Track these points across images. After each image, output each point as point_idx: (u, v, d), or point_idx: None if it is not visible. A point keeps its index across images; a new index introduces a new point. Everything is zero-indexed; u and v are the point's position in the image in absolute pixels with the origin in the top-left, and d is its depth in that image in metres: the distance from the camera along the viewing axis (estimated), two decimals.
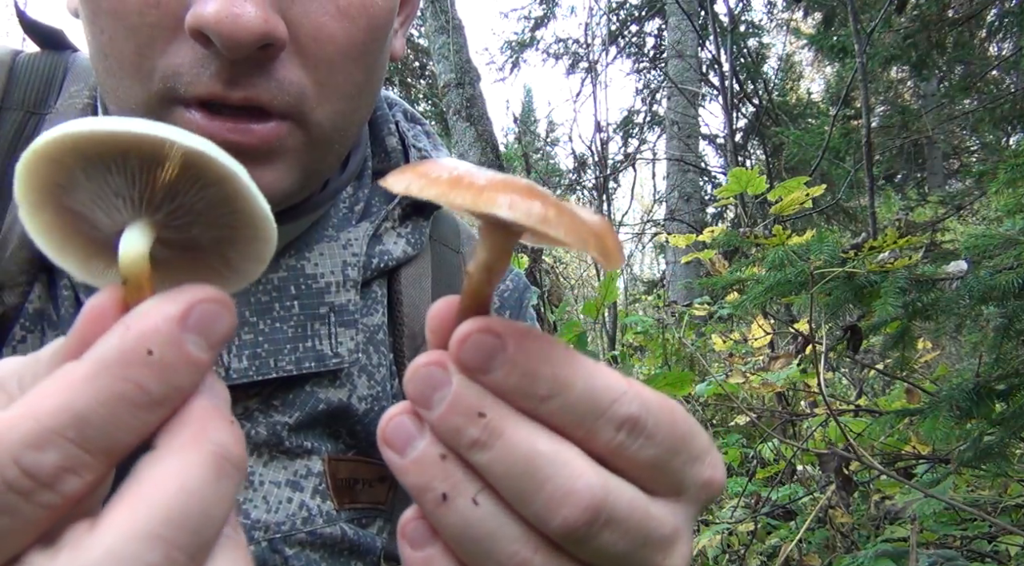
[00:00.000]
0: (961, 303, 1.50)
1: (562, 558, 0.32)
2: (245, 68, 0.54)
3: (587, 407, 0.32)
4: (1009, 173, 1.72)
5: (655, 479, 0.34)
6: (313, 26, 0.56)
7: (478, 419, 0.31)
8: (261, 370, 0.64)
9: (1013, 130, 6.20)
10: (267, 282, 0.66)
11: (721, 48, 5.52)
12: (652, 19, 11.54)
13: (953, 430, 1.58)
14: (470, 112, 5.56)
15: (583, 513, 0.31)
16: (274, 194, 0.59)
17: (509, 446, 0.31)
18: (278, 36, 0.53)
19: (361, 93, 0.62)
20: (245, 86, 0.54)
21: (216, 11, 0.50)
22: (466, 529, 0.32)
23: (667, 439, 0.33)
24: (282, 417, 0.66)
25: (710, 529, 2.40)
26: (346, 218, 0.74)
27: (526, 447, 0.31)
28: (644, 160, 10.37)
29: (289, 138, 0.58)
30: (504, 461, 0.31)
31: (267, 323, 0.65)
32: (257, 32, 0.51)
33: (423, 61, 12.69)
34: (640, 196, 12.60)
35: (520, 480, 0.31)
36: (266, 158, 0.57)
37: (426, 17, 5.98)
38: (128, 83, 0.55)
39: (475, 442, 0.31)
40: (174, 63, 0.54)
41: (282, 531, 0.64)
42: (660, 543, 0.34)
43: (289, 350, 0.65)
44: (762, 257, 1.95)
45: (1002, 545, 1.92)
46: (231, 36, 0.51)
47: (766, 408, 3.09)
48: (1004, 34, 5.87)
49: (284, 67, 0.56)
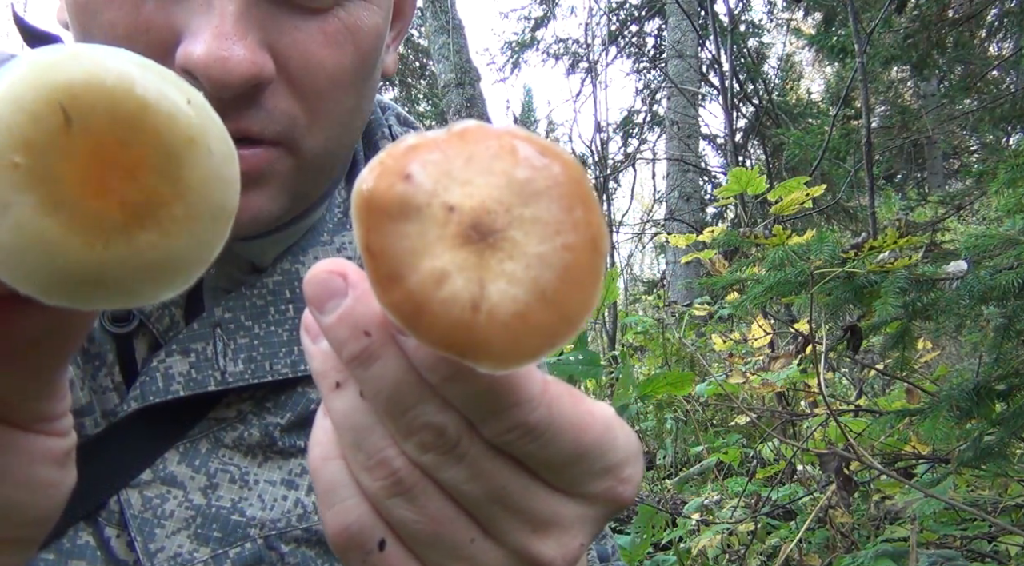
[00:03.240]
0: (961, 303, 1.50)
1: (425, 476, 0.35)
2: (234, 102, 0.54)
3: (481, 401, 0.33)
4: (1009, 173, 1.73)
5: (548, 474, 0.35)
6: (301, 57, 0.56)
7: (362, 337, 0.33)
8: (257, 373, 0.64)
9: (1013, 130, 6.20)
10: (262, 286, 0.67)
11: (721, 48, 5.52)
12: (652, 19, 11.54)
13: (953, 430, 1.58)
14: (470, 112, 5.57)
15: (427, 450, 0.33)
16: (261, 218, 0.59)
17: (379, 375, 0.33)
18: (266, 75, 0.54)
19: (352, 118, 0.63)
20: (235, 119, 0.54)
21: (204, 55, 0.50)
22: (347, 416, 0.35)
23: (564, 450, 0.34)
24: (274, 418, 0.66)
25: (710, 529, 2.40)
26: (341, 223, 0.74)
27: (393, 378, 0.33)
28: (644, 160, 10.38)
29: (278, 163, 0.58)
30: (374, 385, 0.33)
31: (262, 327, 0.66)
32: (245, 75, 0.52)
33: (423, 61, 12.70)
34: (640, 196, 12.60)
35: (387, 404, 0.33)
36: (255, 183, 0.58)
37: (426, 17, 5.98)
38: None
39: (353, 357, 0.33)
40: None
41: (278, 528, 0.65)
42: (531, 517, 0.35)
43: (284, 353, 0.66)
44: (762, 257, 1.95)
45: (1002, 545, 1.92)
46: (220, 80, 0.51)
47: (766, 408, 3.09)
48: (1004, 34, 5.87)
49: (274, 97, 0.56)
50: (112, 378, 0.62)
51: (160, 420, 0.62)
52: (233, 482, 0.64)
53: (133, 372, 0.63)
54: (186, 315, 0.65)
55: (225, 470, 0.63)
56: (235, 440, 0.64)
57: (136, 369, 0.63)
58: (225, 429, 0.64)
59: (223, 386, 0.62)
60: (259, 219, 0.59)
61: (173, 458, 0.62)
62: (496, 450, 0.34)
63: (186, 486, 0.62)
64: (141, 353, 0.63)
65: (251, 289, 0.66)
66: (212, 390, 0.62)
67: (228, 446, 0.64)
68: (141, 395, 0.61)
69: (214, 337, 0.63)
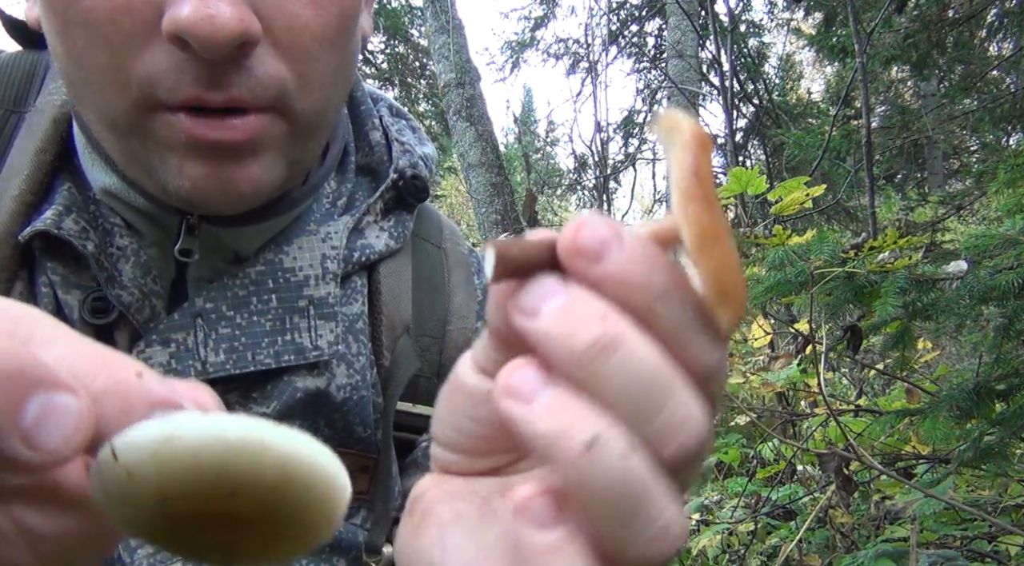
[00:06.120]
0: (961, 303, 1.50)
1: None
2: (224, 68, 0.53)
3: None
4: (1009, 173, 1.73)
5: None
6: (286, 17, 0.56)
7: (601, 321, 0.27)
8: (239, 364, 0.63)
9: (1013, 130, 6.20)
10: (244, 276, 0.66)
11: (721, 48, 5.52)
12: (652, 19, 11.54)
13: (953, 430, 1.58)
14: (470, 112, 5.56)
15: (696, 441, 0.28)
16: (262, 186, 0.59)
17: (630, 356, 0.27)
18: (253, 33, 0.53)
19: (338, 77, 0.62)
20: (226, 87, 0.54)
21: (191, 13, 0.50)
22: (621, 481, 0.27)
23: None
24: (261, 408, 0.66)
25: (710, 529, 2.40)
26: (329, 213, 0.74)
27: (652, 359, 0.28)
28: (644, 160, 10.38)
29: (272, 129, 0.58)
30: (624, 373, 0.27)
31: (244, 317, 0.65)
32: (234, 32, 0.51)
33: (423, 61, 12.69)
34: (640, 196, 12.59)
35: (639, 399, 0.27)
36: (251, 152, 0.57)
37: (426, 17, 5.98)
38: (106, 93, 0.55)
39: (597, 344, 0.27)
40: (152, 69, 0.53)
41: None
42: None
43: (267, 344, 0.65)
44: (762, 257, 1.95)
45: (1002, 545, 1.92)
46: (209, 38, 0.50)
47: (766, 408, 3.09)
48: (1004, 34, 5.87)
49: (262, 62, 0.55)
50: None
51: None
52: None
53: None
54: (169, 306, 0.65)
55: None
56: None
57: None
58: None
59: (204, 377, 0.62)
60: (261, 188, 0.59)
61: None
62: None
63: None
64: (123, 345, 0.62)
65: (233, 279, 0.65)
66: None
67: None
68: None
69: (195, 327, 0.63)
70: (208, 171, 0.56)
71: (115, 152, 0.60)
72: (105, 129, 0.58)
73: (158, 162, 0.56)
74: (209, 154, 0.56)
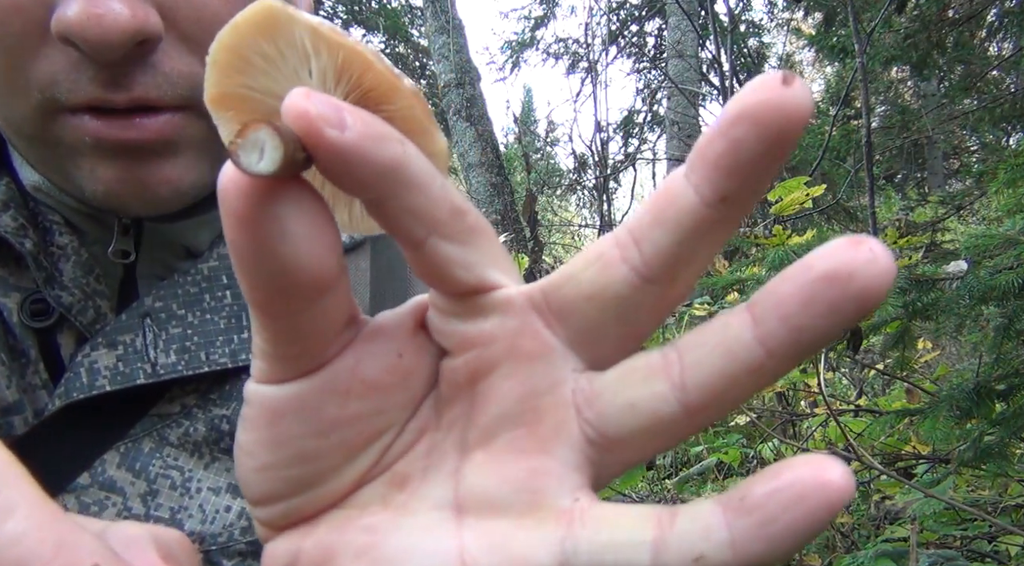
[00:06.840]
0: (961, 303, 1.50)
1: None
2: (125, 68, 0.49)
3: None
4: (1009, 173, 1.73)
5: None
6: (193, 8, 0.51)
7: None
8: (191, 364, 0.60)
9: (1013, 130, 6.20)
10: (196, 272, 0.62)
11: (721, 48, 5.52)
12: (652, 19, 11.54)
13: (953, 430, 1.58)
14: (470, 112, 5.57)
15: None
16: (183, 188, 0.55)
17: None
18: (151, 30, 0.49)
19: None
20: (129, 86, 0.50)
21: (77, 14, 0.46)
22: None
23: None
24: (220, 410, 0.62)
25: None
26: None
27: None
28: (644, 160, 10.38)
29: (189, 128, 0.54)
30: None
31: (196, 315, 0.61)
32: (127, 31, 0.47)
33: (423, 61, 12.69)
34: (640, 196, 12.59)
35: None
36: (167, 151, 0.53)
37: (426, 17, 5.99)
38: (7, 97, 0.52)
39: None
40: (49, 71, 0.50)
41: (219, 543, 0.60)
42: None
43: (222, 342, 0.61)
44: (762, 257, 1.95)
45: (1002, 545, 1.92)
46: (98, 40, 0.46)
47: (766, 408, 3.09)
48: (1004, 34, 5.87)
49: (169, 58, 0.51)
50: (39, 376, 0.58)
51: (93, 419, 0.58)
52: (174, 488, 0.59)
53: (62, 369, 0.58)
54: (119, 307, 0.61)
55: (166, 475, 0.59)
56: (180, 437, 0.60)
57: (64, 366, 0.59)
58: (170, 426, 0.60)
59: (154, 379, 0.58)
60: (181, 190, 0.55)
61: (113, 460, 0.58)
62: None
63: (126, 492, 0.58)
64: (68, 348, 0.59)
65: (185, 276, 0.61)
66: (143, 383, 0.57)
67: (174, 444, 0.60)
68: (65, 392, 0.56)
69: (143, 328, 0.59)
70: (121, 173, 0.52)
71: (29, 157, 0.57)
72: (14, 135, 0.55)
73: (70, 166, 0.53)
74: (119, 155, 0.52)
